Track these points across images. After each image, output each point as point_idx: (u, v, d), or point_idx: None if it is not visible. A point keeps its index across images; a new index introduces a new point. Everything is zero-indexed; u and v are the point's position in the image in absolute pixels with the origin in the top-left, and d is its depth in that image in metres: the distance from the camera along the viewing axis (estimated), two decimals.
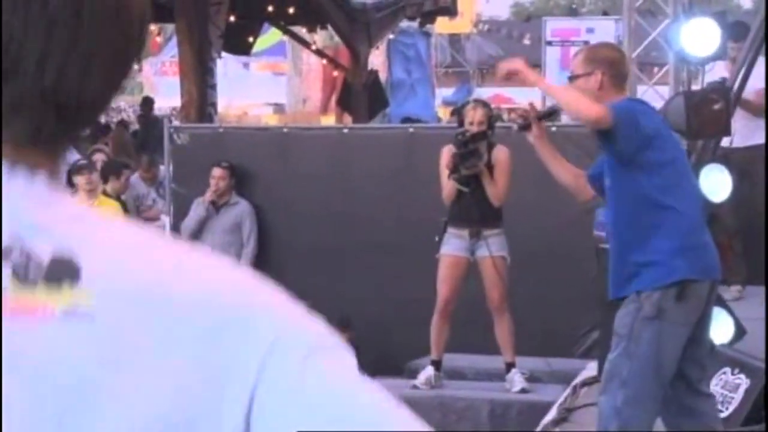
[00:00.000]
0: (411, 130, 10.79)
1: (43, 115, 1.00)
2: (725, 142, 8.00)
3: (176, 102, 18.08)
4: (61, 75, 1.00)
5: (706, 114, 6.79)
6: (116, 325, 0.96)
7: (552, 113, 5.60)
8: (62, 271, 0.97)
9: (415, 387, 8.29)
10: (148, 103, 21.57)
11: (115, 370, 0.95)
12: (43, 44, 0.99)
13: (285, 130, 11.17)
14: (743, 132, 8.71)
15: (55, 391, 0.94)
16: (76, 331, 0.95)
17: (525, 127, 5.59)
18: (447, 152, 8.06)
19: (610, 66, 5.34)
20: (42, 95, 0.99)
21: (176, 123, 13.13)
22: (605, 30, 22.90)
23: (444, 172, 8.07)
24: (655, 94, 9.19)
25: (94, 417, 0.94)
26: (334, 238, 10.03)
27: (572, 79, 5.41)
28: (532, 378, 8.32)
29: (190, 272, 1.01)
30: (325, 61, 22.18)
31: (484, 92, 26.30)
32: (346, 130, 11.33)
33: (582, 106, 5.23)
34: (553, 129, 8.05)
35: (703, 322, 5.30)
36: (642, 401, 5.18)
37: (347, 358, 1.01)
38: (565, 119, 9.37)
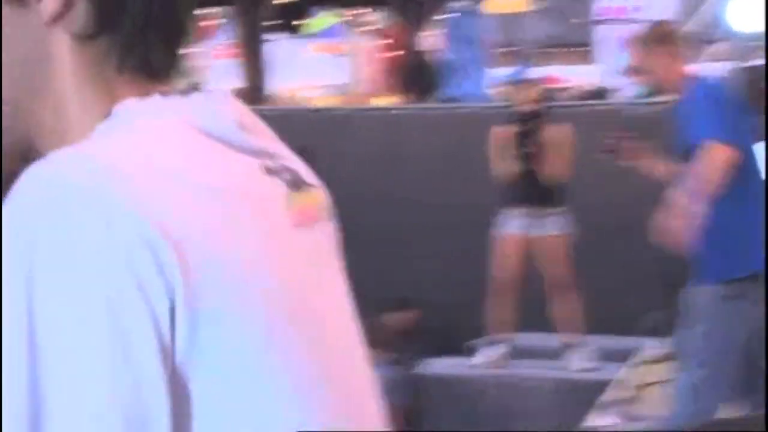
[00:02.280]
0: (462, 110, 10.72)
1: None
2: None
3: (230, 85, 18.13)
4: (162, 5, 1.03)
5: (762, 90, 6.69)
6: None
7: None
8: (309, 177, 1.14)
9: (474, 366, 8.26)
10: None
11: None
12: None
13: (338, 111, 11.15)
14: None
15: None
16: (330, 225, 1.19)
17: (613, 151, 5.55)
18: (498, 133, 8.00)
19: (668, 43, 5.29)
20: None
21: None
22: (658, 5, 22.63)
23: (496, 152, 8.01)
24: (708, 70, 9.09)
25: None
26: (388, 220, 9.99)
27: (629, 65, 5.40)
28: (594, 356, 8.24)
29: None
30: (378, 42, 22.16)
31: (539, 72, 26.13)
32: (396, 111, 11.29)
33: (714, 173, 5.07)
34: (601, 108, 7.98)
35: None
36: (719, 382, 5.11)
37: None
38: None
